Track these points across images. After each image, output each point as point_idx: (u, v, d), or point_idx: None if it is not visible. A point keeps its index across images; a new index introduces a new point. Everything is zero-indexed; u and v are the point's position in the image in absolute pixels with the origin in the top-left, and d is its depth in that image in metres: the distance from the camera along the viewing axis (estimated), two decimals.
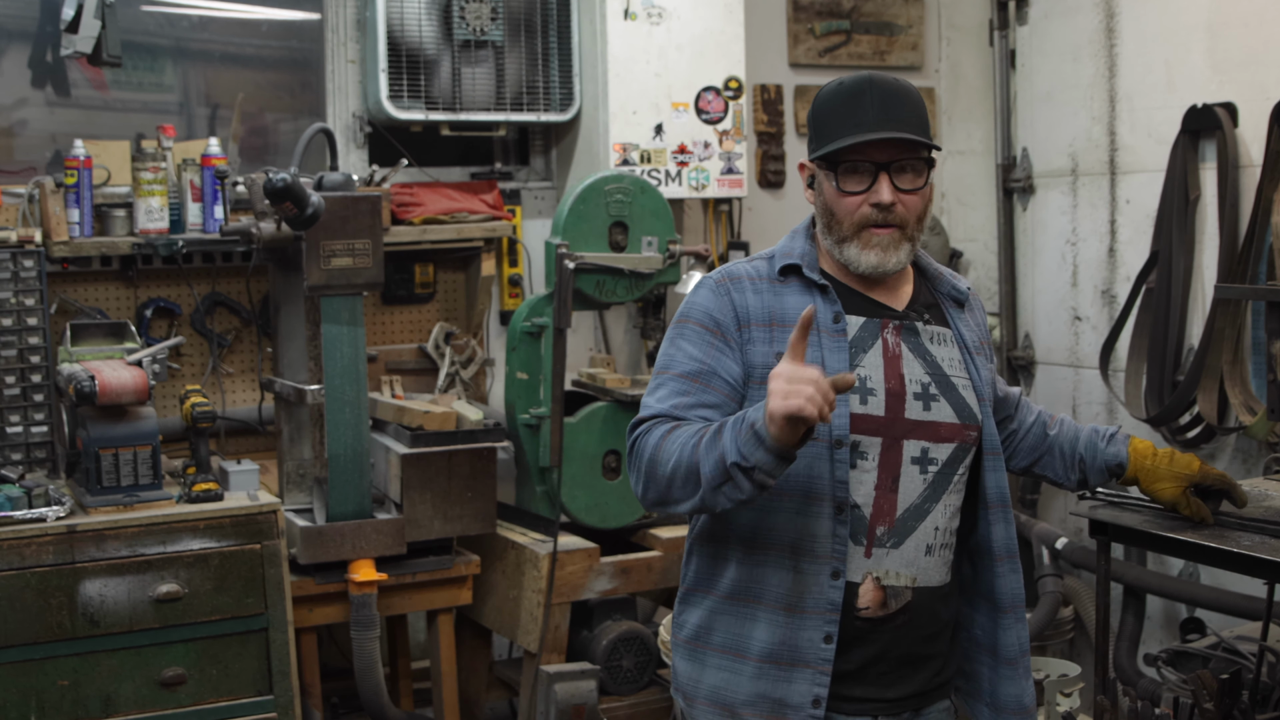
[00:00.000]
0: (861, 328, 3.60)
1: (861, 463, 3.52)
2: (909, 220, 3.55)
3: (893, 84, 3.55)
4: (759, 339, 3.57)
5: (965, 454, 3.63)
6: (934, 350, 3.64)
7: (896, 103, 3.52)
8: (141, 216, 6.20)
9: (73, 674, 5.30)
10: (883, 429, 3.54)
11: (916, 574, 3.54)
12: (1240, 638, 5.55)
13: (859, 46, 8.00)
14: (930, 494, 3.57)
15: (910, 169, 3.52)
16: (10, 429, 5.89)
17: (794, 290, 3.64)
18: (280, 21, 7.03)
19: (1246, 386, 6.28)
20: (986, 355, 3.79)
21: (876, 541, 3.52)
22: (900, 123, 3.49)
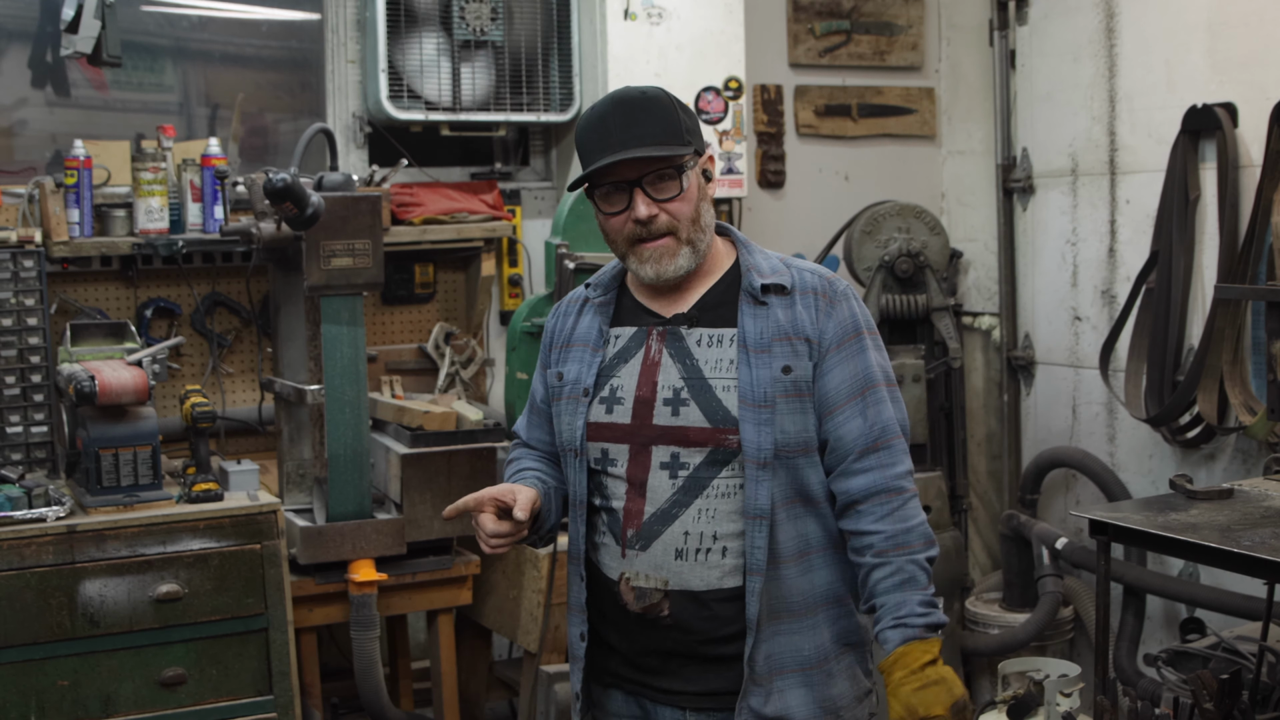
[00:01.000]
0: (631, 338, 3.75)
1: (611, 469, 3.69)
2: (679, 226, 3.61)
3: (636, 99, 3.66)
4: (555, 360, 3.88)
5: (727, 459, 3.59)
6: (699, 353, 3.66)
7: (638, 118, 3.60)
8: (141, 216, 6.20)
9: (73, 674, 5.30)
10: (628, 436, 3.67)
11: (669, 577, 3.61)
12: (1240, 638, 5.55)
13: (859, 46, 8.00)
14: (679, 499, 3.61)
15: (665, 177, 3.60)
16: (10, 429, 5.89)
17: (591, 310, 3.85)
18: (280, 21, 7.03)
19: (1246, 386, 6.28)
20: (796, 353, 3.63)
21: (628, 543, 3.65)
22: (641, 138, 3.57)
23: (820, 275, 3.73)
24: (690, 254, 3.64)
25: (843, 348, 3.65)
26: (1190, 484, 5.65)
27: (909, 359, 6.81)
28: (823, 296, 3.68)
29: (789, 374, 3.60)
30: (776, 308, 3.65)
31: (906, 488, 3.64)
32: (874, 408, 3.64)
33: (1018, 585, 7.20)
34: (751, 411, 3.56)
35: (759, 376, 3.58)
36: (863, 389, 3.64)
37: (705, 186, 3.69)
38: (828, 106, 7.96)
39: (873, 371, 3.66)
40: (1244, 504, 5.38)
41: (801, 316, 3.65)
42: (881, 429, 3.64)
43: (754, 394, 3.57)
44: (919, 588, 3.59)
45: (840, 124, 8.00)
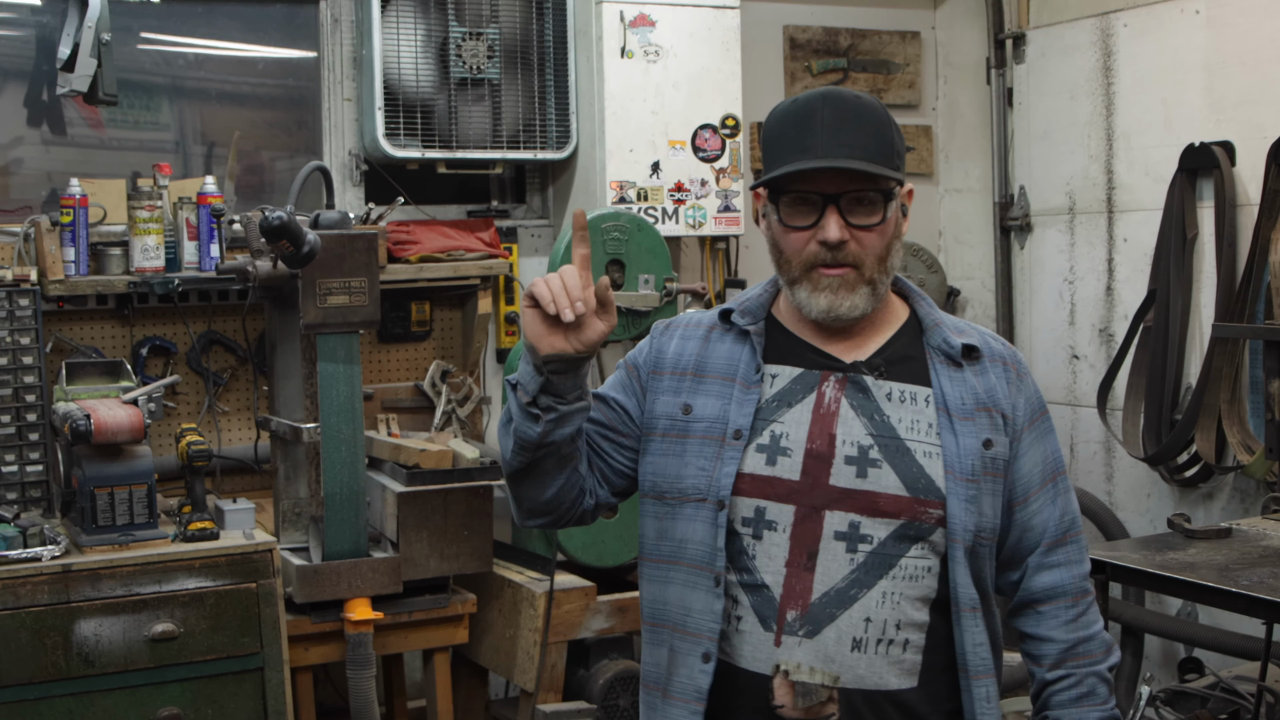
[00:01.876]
0: (795, 380, 3.18)
1: (769, 534, 3.09)
2: (865, 260, 3.09)
3: (850, 102, 3.10)
4: (667, 388, 3.27)
5: (921, 535, 3.07)
6: (889, 410, 3.14)
7: (851, 124, 3.07)
8: (137, 255, 6.19)
9: (68, 714, 5.27)
10: (795, 495, 3.09)
11: (840, 672, 3.03)
12: (1239, 678, 5.54)
13: (856, 85, 8.01)
14: (860, 578, 3.05)
15: (866, 201, 3.07)
16: (5, 468, 5.87)
17: (727, 339, 3.28)
18: (276, 60, 7.04)
19: (1244, 425, 6.28)
20: (1000, 428, 3.17)
21: (787, 628, 3.06)
22: (853, 148, 3.04)
23: (1004, 343, 3.30)
24: (869, 295, 3.12)
25: (1034, 427, 3.23)
26: (1188, 523, 5.64)
27: None
28: (1011, 367, 3.24)
29: (990, 449, 3.14)
30: (969, 372, 3.19)
31: (1089, 590, 3.27)
32: (1064, 496, 3.26)
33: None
34: (960, 486, 3.08)
35: (965, 446, 3.11)
36: (1054, 474, 3.25)
37: (901, 224, 3.17)
38: None
39: (1060, 456, 3.28)
40: (1242, 543, 5.38)
41: (996, 387, 3.20)
42: (1070, 521, 3.26)
43: (960, 465, 3.10)
44: (1098, 702, 3.22)
45: None
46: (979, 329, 3.28)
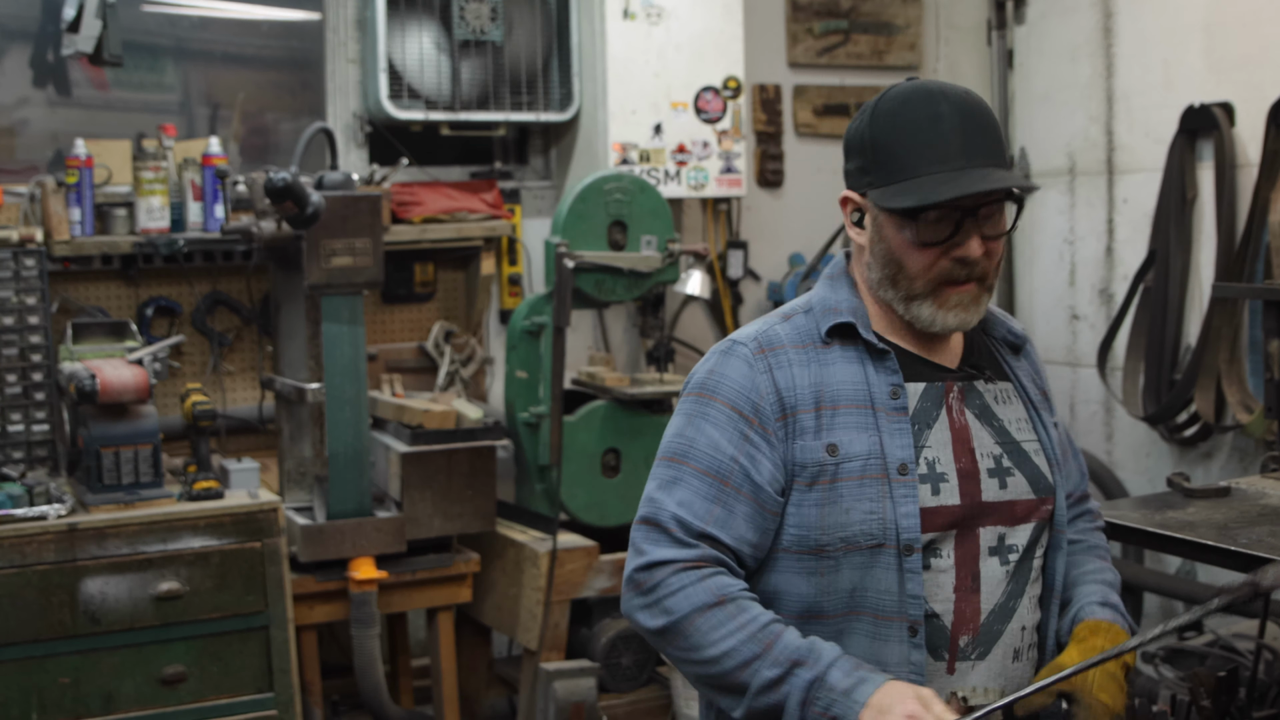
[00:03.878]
0: (922, 397, 3.01)
1: (936, 562, 2.95)
2: (990, 270, 2.94)
3: (975, 106, 2.91)
4: (808, 429, 2.94)
5: (1041, 534, 3.06)
6: (1000, 412, 3.08)
7: (983, 130, 2.89)
8: (142, 216, 6.21)
9: (74, 672, 5.31)
10: (956, 520, 2.96)
11: (1004, 685, 2.98)
12: (1237, 635, 5.57)
13: (857, 46, 8.01)
14: (1014, 589, 3.00)
15: (998, 211, 2.92)
16: (11, 427, 5.90)
17: (839, 357, 3.00)
18: (280, 21, 7.05)
19: (1244, 385, 6.30)
20: (1050, 409, 3.17)
21: (960, 654, 2.96)
22: (995, 159, 2.89)
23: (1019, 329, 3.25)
24: (986, 304, 3.01)
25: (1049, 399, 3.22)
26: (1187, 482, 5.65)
27: None
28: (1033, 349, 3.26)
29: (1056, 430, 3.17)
30: (1022, 359, 3.20)
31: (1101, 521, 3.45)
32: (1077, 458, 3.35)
33: None
34: (1059, 476, 3.09)
35: (1053, 436, 3.12)
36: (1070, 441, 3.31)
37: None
38: (826, 106, 7.97)
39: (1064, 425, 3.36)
40: (1241, 502, 5.39)
41: (1038, 369, 3.24)
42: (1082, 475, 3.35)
43: (1056, 455, 3.10)
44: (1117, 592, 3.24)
45: (839, 123, 8.00)
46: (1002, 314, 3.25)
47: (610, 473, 6.49)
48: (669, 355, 7.00)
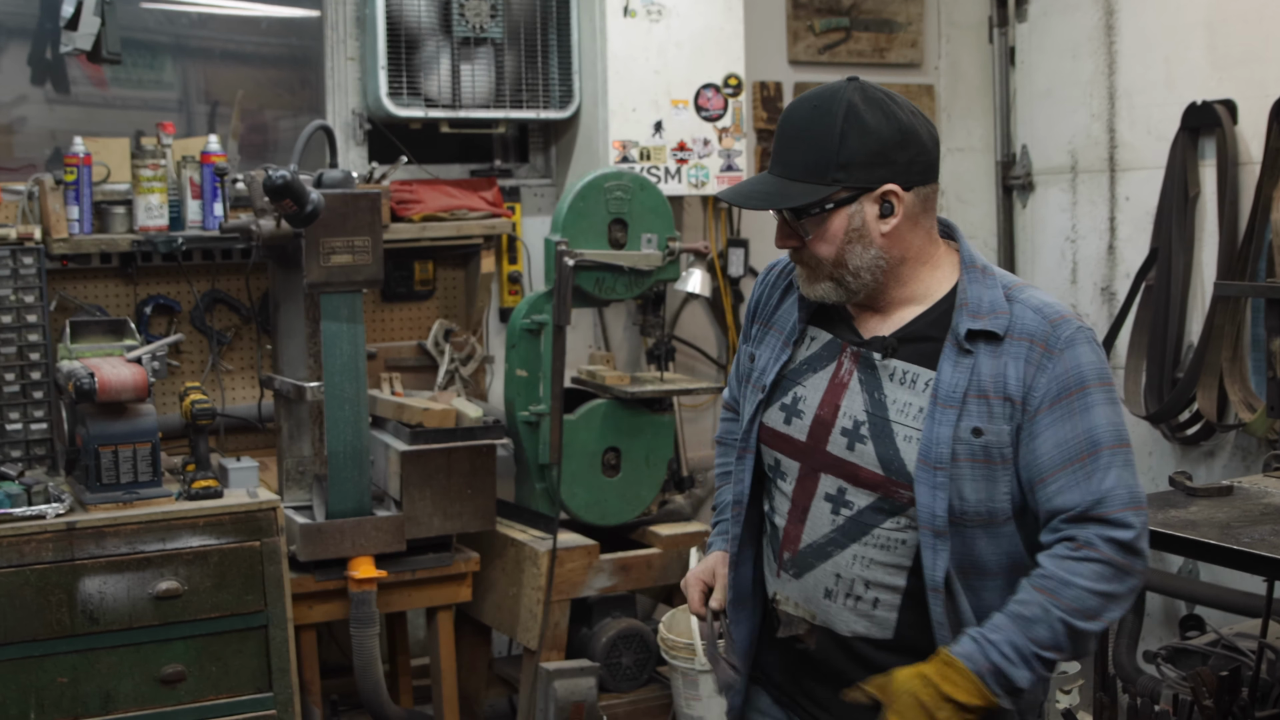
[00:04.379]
0: (825, 346, 3.35)
1: (780, 483, 3.37)
2: (818, 264, 3.23)
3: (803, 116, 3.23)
4: (753, 338, 3.54)
5: (897, 510, 3.19)
6: (890, 390, 3.24)
7: (792, 142, 3.23)
8: (141, 214, 6.20)
9: (72, 671, 5.30)
10: (801, 455, 3.31)
11: (815, 612, 3.30)
12: (1240, 635, 5.55)
13: (858, 44, 8.00)
14: (837, 538, 3.24)
15: (802, 215, 3.21)
16: (10, 426, 5.89)
17: (794, 293, 3.43)
18: (280, 18, 7.03)
19: (1246, 384, 6.29)
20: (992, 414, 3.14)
21: (784, 565, 3.35)
22: (788, 166, 3.21)
23: (1045, 318, 3.20)
24: (834, 288, 3.25)
25: (1056, 407, 3.13)
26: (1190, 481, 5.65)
27: None
28: (1039, 345, 3.16)
29: (979, 437, 3.14)
30: (983, 356, 3.17)
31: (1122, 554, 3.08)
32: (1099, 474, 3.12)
33: None
34: (927, 473, 3.13)
35: (941, 435, 3.13)
36: (1083, 453, 3.12)
37: (869, 225, 3.20)
38: None
39: (1098, 433, 3.14)
40: (1243, 501, 5.38)
41: (1008, 371, 3.16)
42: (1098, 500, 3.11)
43: (933, 453, 3.14)
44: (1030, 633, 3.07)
45: None
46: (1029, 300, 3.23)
47: (610, 471, 6.47)
48: (669, 354, 6.98)
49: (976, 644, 3.06)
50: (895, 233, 3.22)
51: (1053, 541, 3.12)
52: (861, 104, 3.22)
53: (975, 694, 3.03)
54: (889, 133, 3.22)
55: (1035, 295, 3.25)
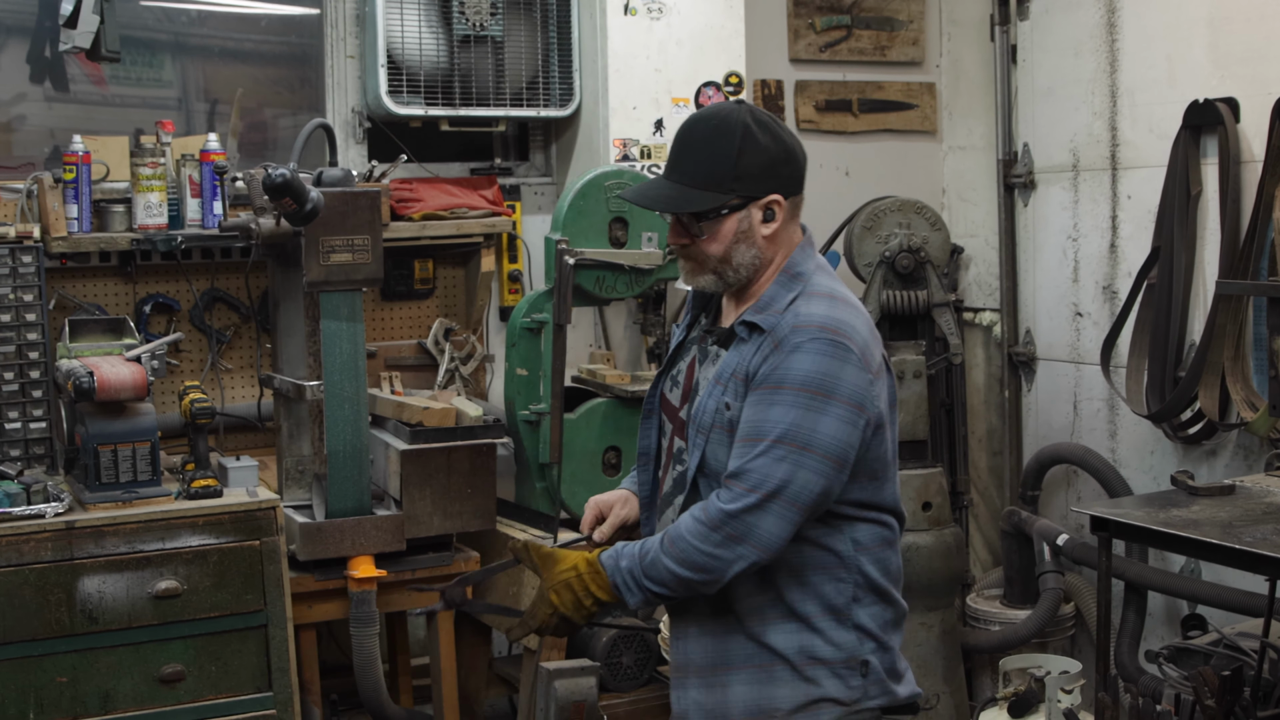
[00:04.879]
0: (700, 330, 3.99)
1: (663, 440, 4.02)
2: (705, 258, 3.78)
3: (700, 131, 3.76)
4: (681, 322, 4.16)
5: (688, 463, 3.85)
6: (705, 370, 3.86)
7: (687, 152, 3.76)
8: (140, 212, 6.19)
9: (71, 670, 5.29)
10: (674, 418, 3.95)
11: None
12: (1242, 634, 5.55)
13: (859, 42, 7.99)
14: (671, 490, 3.92)
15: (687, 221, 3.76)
16: (9, 425, 5.88)
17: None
18: (279, 16, 7.02)
19: (1248, 382, 6.27)
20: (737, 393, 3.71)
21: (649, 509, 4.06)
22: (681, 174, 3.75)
23: (794, 325, 3.66)
24: (715, 280, 3.82)
25: (758, 392, 3.64)
26: (1192, 480, 5.65)
27: (909, 355, 6.79)
28: (774, 344, 3.65)
29: (728, 411, 3.71)
30: (750, 345, 3.72)
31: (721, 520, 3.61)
32: (755, 459, 3.60)
33: (1019, 582, 7.19)
34: (694, 434, 3.80)
35: (706, 405, 3.76)
36: (752, 435, 3.63)
37: (754, 228, 3.76)
38: (828, 102, 7.95)
39: (768, 425, 3.60)
40: (1245, 500, 5.38)
41: (753, 357, 3.69)
42: (737, 471, 3.62)
43: (698, 420, 3.78)
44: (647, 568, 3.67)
45: (841, 119, 7.99)
46: (801, 311, 3.70)
47: (611, 471, 6.46)
48: None
49: (612, 558, 3.71)
50: (774, 235, 3.78)
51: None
52: (754, 126, 3.73)
53: (608, 593, 3.71)
54: (776, 151, 3.76)
55: (813, 306, 3.71)
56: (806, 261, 3.83)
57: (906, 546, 6.62)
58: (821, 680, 3.77)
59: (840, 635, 3.78)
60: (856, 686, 3.80)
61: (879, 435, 3.73)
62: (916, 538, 6.66)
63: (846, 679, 3.79)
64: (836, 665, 3.78)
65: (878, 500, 3.82)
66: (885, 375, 3.78)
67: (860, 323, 3.71)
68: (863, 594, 3.81)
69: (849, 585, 3.79)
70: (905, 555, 6.61)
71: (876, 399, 3.69)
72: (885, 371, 3.78)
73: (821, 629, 3.77)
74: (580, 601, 3.72)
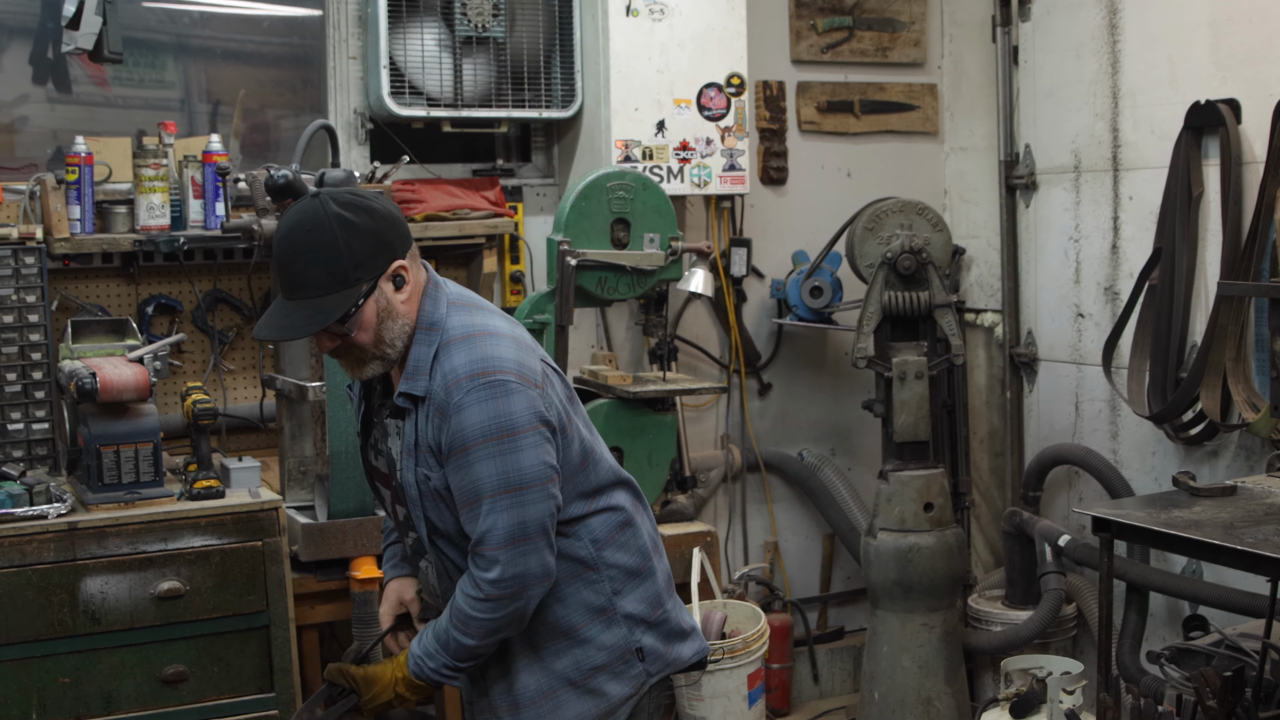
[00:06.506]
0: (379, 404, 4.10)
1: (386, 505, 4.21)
2: (362, 350, 3.85)
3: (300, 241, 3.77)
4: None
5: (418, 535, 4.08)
6: (392, 441, 4.00)
7: (296, 270, 3.77)
8: (143, 213, 6.19)
9: (74, 671, 5.29)
10: (388, 484, 4.11)
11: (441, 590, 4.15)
12: (1243, 635, 5.55)
13: (861, 43, 7.99)
14: (412, 554, 4.22)
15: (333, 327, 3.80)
16: (11, 426, 5.89)
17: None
18: (282, 18, 7.03)
19: (1249, 383, 6.27)
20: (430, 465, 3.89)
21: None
22: (301, 291, 3.76)
23: (445, 384, 3.80)
24: (380, 364, 3.91)
25: (451, 460, 3.79)
26: (1193, 481, 5.64)
27: (911, 356, 6.79)
28: (438, 411, 3.81)
29: (429, 481, 3.88)
30: (418, 414, 3.87)
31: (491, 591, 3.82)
32: (481, 519, 3.79)
33: (1020, 582, 7.20)
34: (412, 503, 3.96)
35: (408, 479, 3.93)
36: (469, 500, 3.80)
37: (391, 301, 3.84)
38: (830, 103, 7.95)
39: (479, 485, 3.78)
40: (1247, 501, 5.38)
41: (428, 430, 3.84)
42: (479, 539, 3.81)
43: (408, 491, 3.94)
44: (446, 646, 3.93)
45: (843, 120, 7.99)
46: (447, 368, 3.82)
47: None
48: (672, 353, 6.97)
49: (417, 663, 3.96)
50: (410, 298, 3.88)
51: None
52: (344, 212, 3.76)
53: (415, 685, 4.00)
54: (375, 224, 3.80)
55: (454, 358, 3.82)
56: (436, 307, 3.92)
57: (909, 547, 6.63)
58: (604, 687, 4.01)
59: (610, 636, 4.03)
60: (637, 674, 4.06)
61: (566, 434, 3.94)
62: (918, 538, 6.66)
63: (624, 674, 4.04)
64: (614, 665, 4.03)
65: (596, 484, 4.05)
66: (550, 375, 3.95)
67: (505, 345, 3.85)
68: (620, 584, 4.05)
69: (604, 583, 4.02)
70: (907, 556, 6.62)
71: (550, 405, 3.87)
72: (549, 371, 3.96)
73: (590, 637, 4.01)
74: (406, 700, 4.05)
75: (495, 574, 3.78)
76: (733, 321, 7.69)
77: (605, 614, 4.01)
